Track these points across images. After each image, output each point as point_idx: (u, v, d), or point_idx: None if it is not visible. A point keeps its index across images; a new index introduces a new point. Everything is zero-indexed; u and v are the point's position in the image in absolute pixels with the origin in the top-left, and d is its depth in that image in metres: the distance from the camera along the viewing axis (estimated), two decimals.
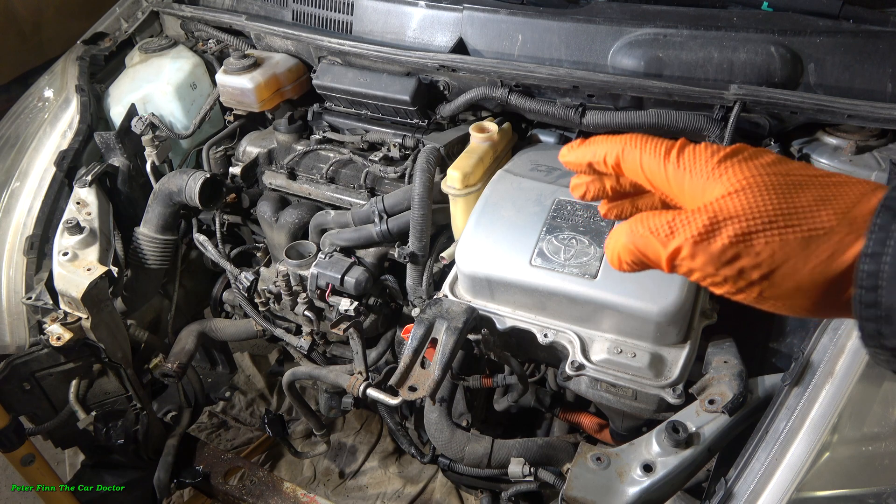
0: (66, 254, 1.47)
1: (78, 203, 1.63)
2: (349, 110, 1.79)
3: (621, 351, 1.17)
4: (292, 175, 1.77)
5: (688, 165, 0.51)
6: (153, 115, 1.79)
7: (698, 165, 0.51)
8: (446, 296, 1.33)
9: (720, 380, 1.11)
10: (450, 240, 1.56)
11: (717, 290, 0.50)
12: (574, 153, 0.60)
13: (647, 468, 1.02)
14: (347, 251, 1.64)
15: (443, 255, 1.48)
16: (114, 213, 1.69)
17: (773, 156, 0.51)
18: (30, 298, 1.49)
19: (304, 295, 1.63)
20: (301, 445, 2.45)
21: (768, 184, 0.48)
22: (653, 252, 0.50)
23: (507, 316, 1.27)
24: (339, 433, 2.52)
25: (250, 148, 1.85)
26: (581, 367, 1.17)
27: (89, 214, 1.60)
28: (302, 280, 1.63)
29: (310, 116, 1.82)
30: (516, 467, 1.27)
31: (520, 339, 1.29)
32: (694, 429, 1.04)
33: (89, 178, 1.65)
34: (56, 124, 1.80)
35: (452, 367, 1.32)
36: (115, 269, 1.51)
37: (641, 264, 0.52)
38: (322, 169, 1.70)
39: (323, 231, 1.69)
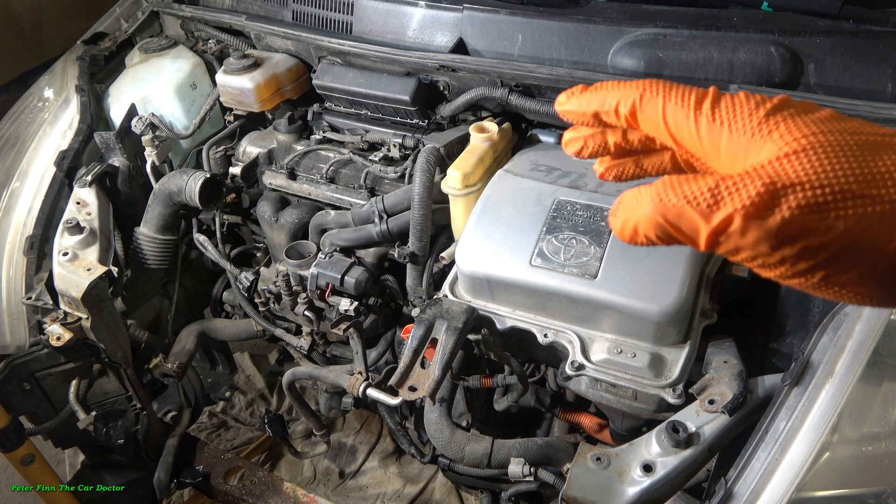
0: (66, 254, 1.47)
1: (78, 203, 1.63)
2: (349, 110, 1.79)
3: (621, 351, 1.17)
4: (292, 175, 1.77)
5: (726, 119, 0.43)
6: (153, 115, 1.79)
7: (739, 120, 0.42)
8: (446, 296, 1.33)
9: (720, 380, 1.11)
10: (450, 240, 1.56)
11: (767, 273, 0.41)
12: (576, 100, 0.50)
13: (647, 468, 1.02)
14: (347, 251, 1.64)
15: (443, 255, 1.48)
16: (114, 213, 1.69)
17: (829, 110, 0.42)
18: (30, 298, 1.49)
19: (304, 295, 1.63)
20: (301, 445, 2.45)
21: (835, 143, 0.39)
22: (689, 225, 0.40)
23: (507, 316, 1.27)
24: (339, 433, 2.52)
25: (250, 148, 1.84)
26: (581, 367, 1.17)
27: (89, 214, 1.60)
28: (302, 280, 1.63)
29: (310, 116, 1.82)
30: (516, 467, 1.27)
31: (520, 339, 1.29)
32: (694, 429, 1.04)
33: (89, 178, 1.65)
34: (56, 124, 1.80)
35: (452, 367, 1.32)
36: (115, 269, 1.51)
37: (668, 239, 0.42)
38: (322, 169, 1.70)
39: (323, 231, 1.69)
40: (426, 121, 1.67)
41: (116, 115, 1.86)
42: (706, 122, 0.43)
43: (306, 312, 1.65)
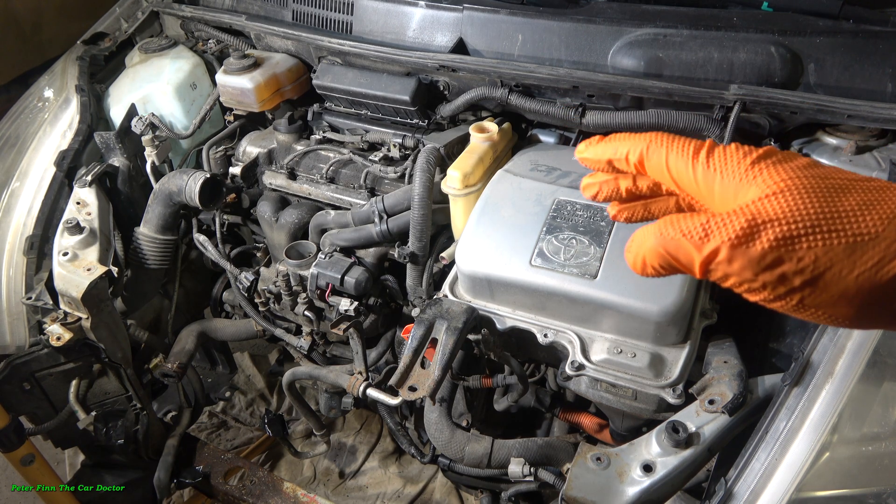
0: (66, 254, 1.47)
1: (78, 203, 1.63)
2: (349, 110, 1.79)
3: (621, 351, 1.17)
4: (292, 175, 1.77)
5: (718, 166, 0.50)
6: (153, 115, 1.79)
7: (730, 167, 0.49)
8: (446, 296, 1.33)
9: (720, 380, 1.11)
10: (450, 240, 1.56)
11: (753, 297, 0.48)
12: (593, 149, 0.58)
13: (647, 468, 1.02)
14: (347, 251, 1.64)
15: (443, 255, 1.48)
16: (114, 213, 1.69)
17: (807, 159, 0.49)
18: (30, 298, 1.49)
19: (304, 295, 1.63)
20: (301, 445, 2.45)
21: (808, 186, 0.46)
22: (685, 256, 0.47)
23: (507, 316, 1.27)
24: (339, 433, 2.52)
25: (250, 148, 1.85)
26: (581, 367, 1.17)
27: (89, 214, 1.60)
28: (302, 280, 1.63)
29: (310, 116, 1.82)
30: (516, 467, 1.27)
31: (520, 339, 1.29)
32: (694, 429, 1.04)
33: (89, 178, 1.65)
34: (56, 124, 1.80)
35: (452, 367, 1.32)
36: (115, 269, 1.51)
37: (670, 269, 0.49)
38: (322, 169, 1.70)
39: (323, 231, 1.69)
40: (426, 121, 1.67)
41: (116, 115, 1.86)
42: (702, 169, 0.50)
43: (306, 312, 1.65)
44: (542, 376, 1.60)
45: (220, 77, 1.75)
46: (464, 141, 1.54)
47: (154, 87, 1.86)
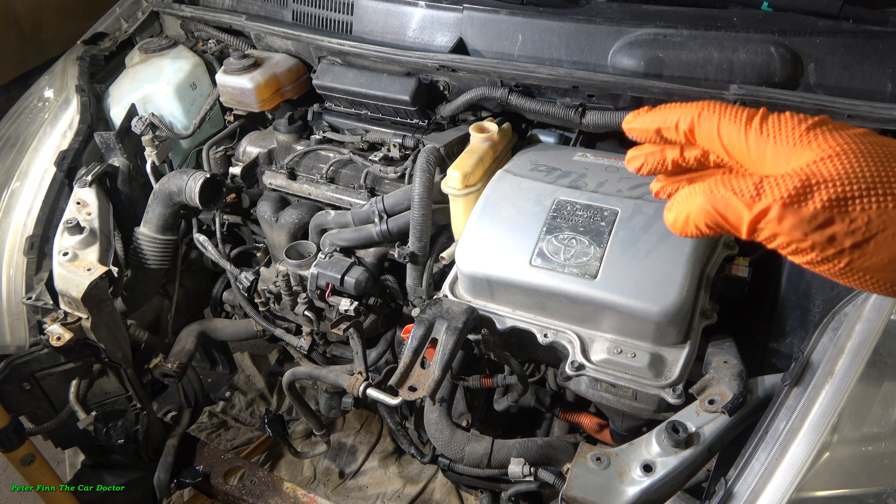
0: (66, 254, 1.48)
1: (78, 203, 1.63)
2: (349, 110, 1.79)
3: (621, 351, 1.17)
4: (292, 175, 1.77)
5: (772, 132, 0.50)
6: (153, 115, 1.79)
7: (784, 132, 0.49)
8: (446, 296, 1.33)
9: (720, 380, 1.11)
10: (450, 240, 1.56)
11: (800, 259, 0.47)
12: (641, 119, 0.57)
13: (647, 468, 1.02)
14: (347, 251, 1.64)
15: (443, 255, 1.48)
16: (114, 213, 1.69)
17: (863, 129, 0.50)
18: (30, 298, 1.49)
19: (304, 295, 1.63)
20: (301, 445, 2.45)
21: (864, 151, 0.46)
22: (734, 214, 0.47)
23: (507, 316, 1.27)
24: (339, 433, 2.52)
25: (250, 148, 1.85)
26: (581, 367, 1.17)
27: (89, 214, 1.60)
28: (302, 280, 1.63)
29: (310, 116, 1.82)
30: (516, 467, 1.27)
31: (520, 339, 1.29)
32: (694, 429, 1.04)
33: (89, 178, 1.65)
34: (56, 124, 1.81)
35: (452, 367, 1.32)
36: (115, 269, 1.51)
37: (716, 228, 0.49)
38: (322, 169, 1.70)
39: (323, 231, 1.69)
40: (426, 121, 1.67)
41: (116, 115, 1.86)
42: (755, 135, 0.50)
43: (306, 312, 1.65)
44: (542, 376, 1.60)
45: (220, 77, 1.75)
46: (464, 141, 1.54)
47: (154, 87, 1.86)
